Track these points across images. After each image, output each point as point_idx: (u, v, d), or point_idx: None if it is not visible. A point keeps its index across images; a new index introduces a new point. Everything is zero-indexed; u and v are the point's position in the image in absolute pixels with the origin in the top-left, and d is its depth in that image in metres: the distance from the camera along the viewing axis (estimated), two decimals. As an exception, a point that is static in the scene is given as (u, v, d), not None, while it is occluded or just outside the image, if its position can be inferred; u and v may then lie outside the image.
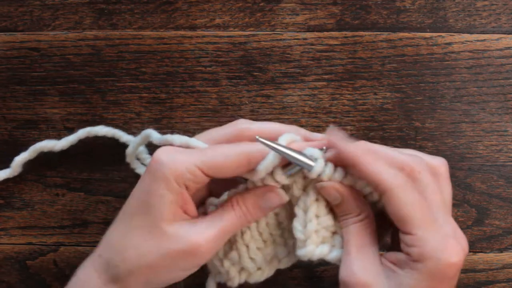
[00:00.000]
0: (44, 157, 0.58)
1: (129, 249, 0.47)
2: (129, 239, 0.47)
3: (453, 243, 0.45)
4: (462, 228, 0.58)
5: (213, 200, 0.51)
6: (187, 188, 0.47)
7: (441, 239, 0.45)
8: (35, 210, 0.60)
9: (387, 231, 0.51)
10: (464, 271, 0.58)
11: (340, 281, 0.47)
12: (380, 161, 0.46)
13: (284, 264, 0.53)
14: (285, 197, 0.49)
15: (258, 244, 0.52)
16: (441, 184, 0.49)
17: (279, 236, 0.53)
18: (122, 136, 0.58)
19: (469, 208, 0.59)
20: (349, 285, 0.46)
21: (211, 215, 0.49)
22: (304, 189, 0.50)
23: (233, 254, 0.51)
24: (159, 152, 0.47)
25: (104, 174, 0.60)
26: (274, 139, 0.47)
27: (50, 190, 0.60)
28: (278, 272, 0.59)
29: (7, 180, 0.59)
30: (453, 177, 0.58)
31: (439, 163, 0.49)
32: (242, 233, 0.51)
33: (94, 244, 0.59)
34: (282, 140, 0.48)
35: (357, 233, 0.48)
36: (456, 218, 0.58)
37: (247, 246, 0.51)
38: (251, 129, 0.50)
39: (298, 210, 0.50)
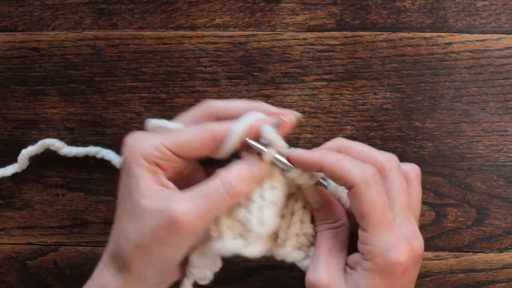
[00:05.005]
0: (44, 157, 0.58)
1: (121, 235, 0.48)
2: (121, 225, 0.49)
3: (403, 243, 0.47)
4: (462, 228, 0.59)
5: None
6: (160, 167, 0.48)
7: (392, 238, 0.47)
8: (35, 210, 0.60)
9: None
10: (464, 271, 0.58)
11: (306, 281, 0.49)
12: (346, 159, 0.48)
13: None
14: (268, 169, 0.49)
15: (274, 196, 0.49)
16: (411, 188, 0.51)
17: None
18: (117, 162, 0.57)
19: (469, 208, 0.59)
20: (313, 285, 0.49)
21: (197, 187, 0.48)
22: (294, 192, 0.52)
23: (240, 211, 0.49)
24: (127, 137, 0.49)
25: (104, 174, 0.60)
26: (238, 116, 0.49)
27: (50, 190, 0.60)
28: (278, 272, 0.59)
29: (7, 180, 0.59)
30: (453, 177, 0.58)
31: (410, 169, 0.52)
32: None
33: (94, 244, 0.59)
34: (246, 120, 0.48)
35: (330, 238, 0.50)
36: (456, 218, 0.59)
37: (262, 197, 0.49)
38: (216, 107, 0.51)
39: (285, 212, 0.52)
